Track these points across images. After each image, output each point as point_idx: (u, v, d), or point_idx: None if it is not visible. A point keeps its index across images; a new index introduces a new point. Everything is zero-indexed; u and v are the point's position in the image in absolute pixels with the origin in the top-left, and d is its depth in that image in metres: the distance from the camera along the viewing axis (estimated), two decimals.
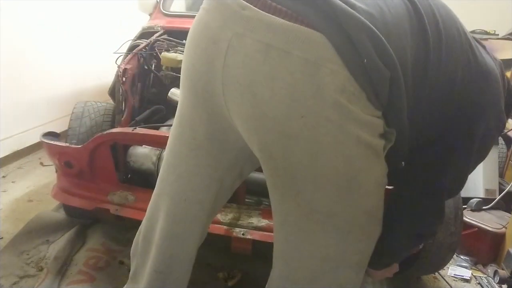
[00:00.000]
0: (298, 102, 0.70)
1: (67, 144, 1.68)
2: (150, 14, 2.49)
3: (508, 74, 3.34)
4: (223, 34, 0.76)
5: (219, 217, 1.50)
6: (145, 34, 2.15)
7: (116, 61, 1.98)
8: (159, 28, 2.15)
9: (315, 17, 0.69)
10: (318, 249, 0.84)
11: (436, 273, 1.95)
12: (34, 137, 2.74)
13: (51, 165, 1.85)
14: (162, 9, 2.45)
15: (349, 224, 0.83)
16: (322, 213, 0.80)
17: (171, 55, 1.91)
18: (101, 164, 1.59)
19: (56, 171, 1.72)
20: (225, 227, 1.48)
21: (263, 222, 1.49)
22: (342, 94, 0.70)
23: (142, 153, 1.69)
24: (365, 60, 0.69)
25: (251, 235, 1.45)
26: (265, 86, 0.71)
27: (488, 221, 2.08)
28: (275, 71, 0.70)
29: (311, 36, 0.68)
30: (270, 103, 0.72)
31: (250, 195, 1.67)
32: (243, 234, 1.46)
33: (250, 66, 0.72)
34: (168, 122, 1.84)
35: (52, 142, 1.60)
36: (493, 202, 2.20)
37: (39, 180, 2.53)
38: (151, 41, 1.98)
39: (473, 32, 3.99)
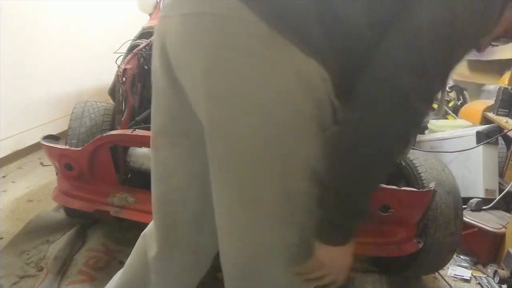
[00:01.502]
0: (218, 58, 0.71)
1: (67, 147, 1.68)
2: (150, 14, 2.49)
3: (508, 74, 3.34)
4: (161, 25, 0.83)
5: None
6: (145, 34, 2.15)
7: (116, 61, 1.97)
8: None
9: None
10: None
11: (436, 273, 1.95)
12: (34, 137, 2.74)
13: (51, 165, 1.85)
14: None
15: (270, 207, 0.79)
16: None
17: None
18: (101, 166, 1.59)
19: (56, 174, 1.72)
20: None
21: None
22: (255, 40, 0.69)
23: (142, 153, 1.69)
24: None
25: None
26: (192, 53, 0.74)
27: (488, 221, 2.08)
28: (195, 36, 0.73)
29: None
30: (198, 67, 0.74)
31: None
32: None
33: (179, 40, 0.77)
34: None
35: (52, 144, 1.60)
36: (493, 202, 2.20)
37: (39, 180, 2.53)
38: (151, 41, 1.98)
39: None
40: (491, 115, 2.88)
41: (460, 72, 3.83)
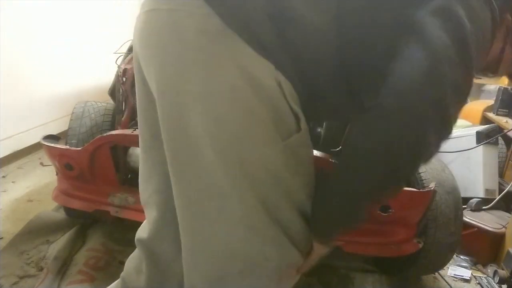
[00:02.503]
0: (167, 54, 0.70)
1: (67, 147, 1.68)
2: None
3: None
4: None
5: None
6: None
7: (116, 61, 1.97)
8: None
9: None
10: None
11: (436, 273, 1.95)
12: (34, 137, 2.74)
13: (51, 165, 1.85)
14: None
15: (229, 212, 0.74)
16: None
17: None
18: (101, 166, 1.59)
19: (57, 174, 1.72)
20: None
21: None
22: (203, 35, 0.67)
23: None
24: None
25: None
26: (148, 49, 0.75)
27: (488, 221, 2.08)
28: (149, 32, 0.74)
29: None
30: (152, 63, 0.74)
31: None
32: None
33: (140, 35, 0.78)
34: None
35: (52, 144, 1.60)
36: (493, 202, 2.20)
37: (39, 180, 2.52)
38: None
39: None
40: (491, 115, 2.88)
41: None
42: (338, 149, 1.59)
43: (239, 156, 0.71)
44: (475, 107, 3.23)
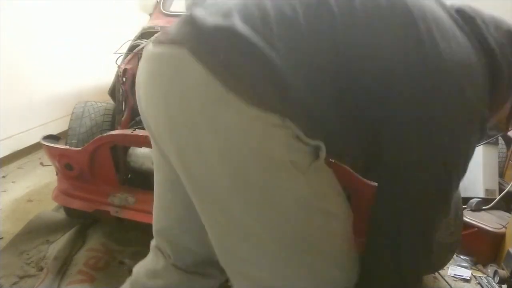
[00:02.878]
0: (174, 116, 0.75)
1: (67, 147, 1.68)
2: (150, 14, 2.49)
3: None
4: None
5: None
6: (145, 34, 2.15)
7: (116, 61, 1.97)
8: (159, 28, 2.15)
9: (177, 33, 0.76)
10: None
11: (436, 273, 1.95)
12: (34, 137, 2.74)
13: (51, 165, 1.86)
14: (162, 9, 2.44)
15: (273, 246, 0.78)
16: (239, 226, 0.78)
17: None
18: (101, 166, 1.59)
19: (57, 174, 1.72)
20: None
21: None
22: (207, 99, 0.70)
23: (142, 153, 1.69)
24: (221, 56, 0.70)
25: None
26: (151, 107, 0.82)
27: (488, 221, 2.07)
28: (159, 92, 0.77)
29: (172, 51, 0.74)
30: (168, 138, 0.80)
31: None
32: None
33: (143, 93, 0.87)
34: None
35: (52, 144, 1.60)
36: (493, 202, 2.20)
37: (39, 180, 2.53)
38: (151, 41, 1.98)
39: None
40: None
41: None
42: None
43: (269, 202, 0.74)
44: None
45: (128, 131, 1.58)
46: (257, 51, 0.69)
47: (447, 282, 1.92)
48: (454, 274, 1.98)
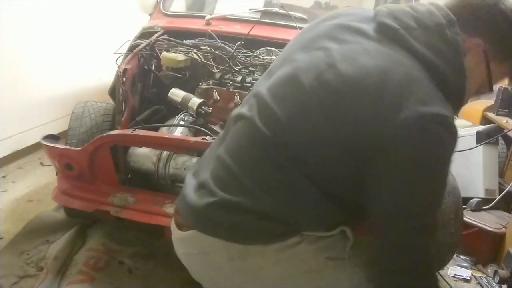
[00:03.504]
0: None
1: (67, 147, 1.68)
2: (150, 14, 2.49)
3: None
4: None
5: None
6: (145, 34, 2.15)
7: (116, 61, 1.97)
8: (159, 28, 2.15)
9: (187, 216, 0.93)
10: None
11: (436, 273, 1.95)
12: (34, 137, 2.73)
13: (51, 165, 1.86)
14: (162, 9, 2.44)
15: None
16: None
17: (171, 55, 1.91)
18: (101, 166, 1.59)
19: (57, 174, 1.72)
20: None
21: None
22: (232, 259, 0.86)
23: (142, 153, 1.69)
24: (225, 224, 0.86)
25: None
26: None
27: (488, 221, 2.08)
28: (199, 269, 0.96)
29: (190, 235, 0.91)
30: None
31: None
32: None
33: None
34: (168, 122, 1.84)
35: (52, 144, 1.60)
36: (493, 202, 2.20)
37: (39, 180, 2.52)
38: (151, 41, 1.98)
39: None
40: (491, 115, 2.88)
41: None
42: None
43: None
44: (475, 107, 3.23)
45: (128, 131, 1.58)
46: (244, 208, 0.84)
47: (447, 282, 1.92)
48: (454, 274, 1.99)
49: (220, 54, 1.93)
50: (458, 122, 3.10)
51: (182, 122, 1.81)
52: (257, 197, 0.84)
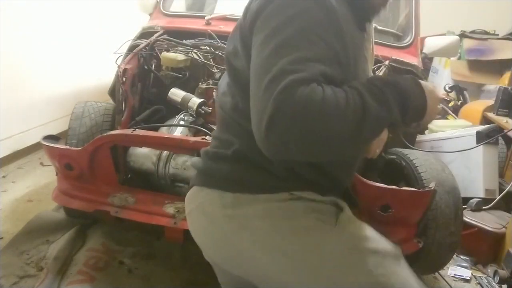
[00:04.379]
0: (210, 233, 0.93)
1: (67, 147, 1.68)
2: (150, 14, 2.49)
3: (508, 74, 3.34)
4: None
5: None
6: (145, 34, 2.15)
7: (116, 61, 1.97)
8: (159, 28, 2.15)
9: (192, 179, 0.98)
10: None
11: (436, 273, 1.95)
12: (34, 137, 2.74)
13: (51, 165, 1.86)
14: (162, 9, 2.45)
15: None
16: None
17: (171, 55, 1.91)
18: (101, 166, 1.60)
19: (57, 174, 1.72)
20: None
21: None
22: (222, 207, 0.87)
23: (142, 153, 1.69)
24: (217, 175, 0.91)
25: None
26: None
27: (488, 221, 2.08)
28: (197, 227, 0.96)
29: (191, 192, 0.96)
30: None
31: None
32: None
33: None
34: (167, 122, 1.84)
35: (52, 144, 1.60)
36: (493, 202, 2.20)
37: (39, 180, 2.53)
38: (151, 41, 1.98)
39: (473, 32, 3.99)
40: (491, 115, 2.88)
41: (460, 72, 3.83)
42: None
43: (317, 264, 0.82)
44: (475, 107, 3.23)
45: (128, 131, 1.58)
46: (230, 157, 0.88)
47: (447, 282, 1.92)
48: (454, 274, 1.99)
49: (220, 54, 1.93)
50: (458, 122, 3.12)
51: (182, 122, 1.81)
52: (239, 144, 0.86)
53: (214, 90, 1.87)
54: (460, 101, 3.69)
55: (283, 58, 0.68)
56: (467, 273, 1.99)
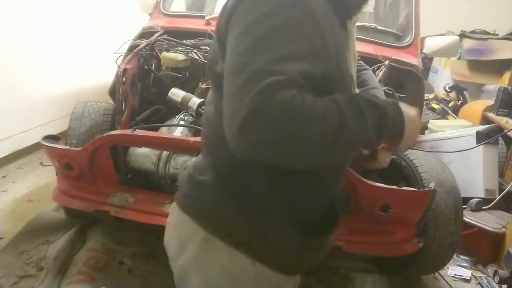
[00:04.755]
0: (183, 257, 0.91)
1: (67, 147, 1.68)
2: (150, 14, 2.49)
3: (508, 74, 3.34)
4: None
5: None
6: (145, 34, 2.15)
7: (116, 61, 1.97)
8: (159, 28, 2.15)
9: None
10: None
11: (436, 273, 1.95)
12: (34, 137, 2.74)
13: (51, 165, 1.86)
14: (162, 9, 2.45)
15: None
16: None
17: (171, 55, 1.91)
18: (101, 166, 1.59)
19: (57, 174, 1.72)
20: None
21: None
22: (194, 242, 0.86)
23: (142, 153, 1.69)
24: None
25: None
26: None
27: (488, 221, 2.08)
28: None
29: (175, 207, 0.93)
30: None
31: None
32: None
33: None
34: (167, 122, 1.84)
35: (52, 144, 1.60)
36: (493, 202, 2.20)
37: (39, 180, 2.53)
38: (151, 41, 1.98)
39: (473, 32, 4.00)
40: (491, 115, 2.88)
41: (460, 72, 3.83)
42: None
43: None
44: (475, 107, 3.23)
45: (128, 131, 1.58)
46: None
47: (447, 282, 1.92)
48: (454, 274, 1.99)
49: None
50: (458, 122, 3.12)
51: (182, 122, 1.81)
52: (219, 168, 0.85)
53: None
54: (460, 101, 3.69)
55: (260, 56, 0.66)
56: (467, 273, 1.99)
